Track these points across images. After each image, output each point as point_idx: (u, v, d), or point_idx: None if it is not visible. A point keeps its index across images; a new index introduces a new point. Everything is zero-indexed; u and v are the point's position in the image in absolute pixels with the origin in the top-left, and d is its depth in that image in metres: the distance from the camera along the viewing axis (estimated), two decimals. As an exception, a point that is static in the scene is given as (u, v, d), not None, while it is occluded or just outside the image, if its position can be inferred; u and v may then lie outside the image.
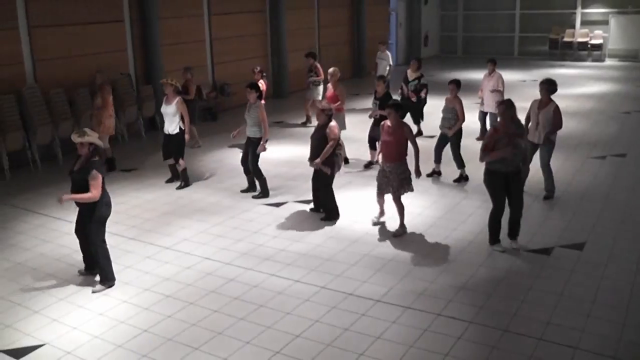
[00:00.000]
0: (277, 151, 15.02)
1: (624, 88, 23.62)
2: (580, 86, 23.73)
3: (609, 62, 31.40)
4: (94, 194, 8.19)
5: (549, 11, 33.04)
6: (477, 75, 25.07)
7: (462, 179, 12.61)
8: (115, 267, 8.97)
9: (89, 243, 8.53)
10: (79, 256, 9.37)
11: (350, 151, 13.84)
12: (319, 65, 18.21)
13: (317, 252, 9.47)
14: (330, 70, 14.52)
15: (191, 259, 9.29)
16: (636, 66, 29.68)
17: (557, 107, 11.11)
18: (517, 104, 9.37)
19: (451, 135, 12.49)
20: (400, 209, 10.07)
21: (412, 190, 10.15)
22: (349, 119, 14.64)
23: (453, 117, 12.43)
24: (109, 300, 8.15)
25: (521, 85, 24.00)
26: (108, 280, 8.51)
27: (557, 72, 27.14)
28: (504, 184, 9.10)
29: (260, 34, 22.52)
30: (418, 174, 10.23)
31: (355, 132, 15.13)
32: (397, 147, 9.88)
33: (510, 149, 8.87)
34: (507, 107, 9.13)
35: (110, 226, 10.43)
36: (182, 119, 12.36)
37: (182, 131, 12.42)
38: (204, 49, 19.98)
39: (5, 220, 11.12)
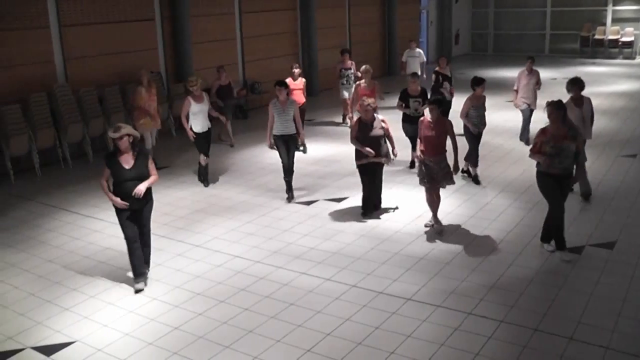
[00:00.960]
0: (308, 149, 15.04)
1: (656, 86, 23.33)
2: (611, 84, 23.46)
3: (640, 59, 31.07)
4: (156, 175, 8.51)
5: (580, 8, 32.68)
6: (508, 73, 25.00)
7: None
8: (146, 265, 9.11)
9: (148, 233, 8.70)
10: (109, 253, 9.49)
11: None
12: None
13: (348, 250, 9.47)
14: (365, 67, 14.43)
15: (222, 257, 9.34)
16: (668, 64, 29.33)
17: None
18: (543, 102, 9.28)
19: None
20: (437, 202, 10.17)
21: (454, 183, 10.19)
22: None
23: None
24: (139, 297, 8.21)
25: (552, 83, 23.77)
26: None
27: (588, 69, 26.88)
28: (557, 185, 8.93)
29: (290, 31, 22.55)
30: (456, 169, 10.16)
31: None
32: (439, 141, 9.84)
33: (546, 159, 8.72)
34: (554, 107, 8.81)
35: (142, 224, 10.59)
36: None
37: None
38: (235, 47, 20.04)
39: (36, 218, 11.25)
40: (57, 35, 14.86)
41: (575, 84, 11.09)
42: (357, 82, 15.09)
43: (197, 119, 12.37)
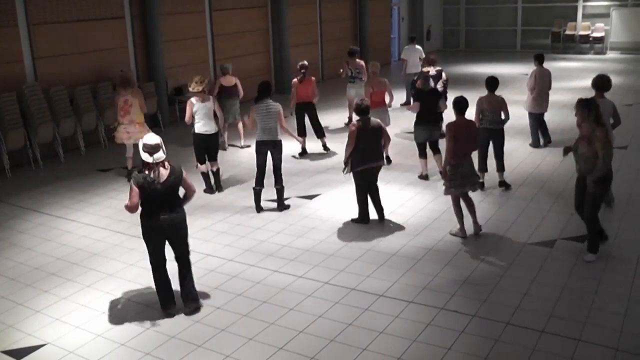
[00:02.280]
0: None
1: (625, 81, 23.53)
2: (583, 79, 23.57)
3: (610, 54, 31.30)
4: (194, 187, 8.01)
5: (550, 4, 32.92)
6: (480, 69, 25.14)
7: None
8: (118, 265, 9.07)
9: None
10: (81, 254, 9.41)
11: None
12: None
13: (320, 247, 9.47)
14: (371, 63, 14.25)
15: (194, 256, 9.19)
16: (638, 59, 29.56)
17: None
18: (517, 97, 9.32)
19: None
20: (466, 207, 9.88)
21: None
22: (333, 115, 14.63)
23: None
24: (111, 298, 8.16)
25: (524, 79, 23.91)
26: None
27: (560, 65, 27.06)
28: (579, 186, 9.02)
29: (262, 29, 22.48)
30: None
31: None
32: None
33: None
34: (580, 106, 8.65)
35: (114, 224, 10.59)
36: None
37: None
38: (206, 46, 19.95)
39: (7, 219, 11.13)
40: (26, 33, 14.68)
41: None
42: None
43: (206, 119, 11.81)
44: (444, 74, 15.27)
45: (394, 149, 14.05)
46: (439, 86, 14.51)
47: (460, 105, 9.65)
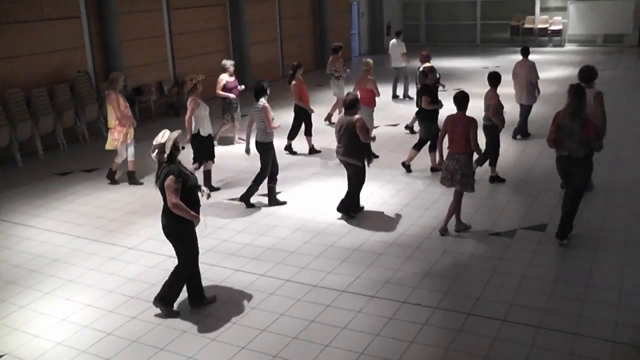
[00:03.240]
0: (242, 146, 14.92)
1: (584, 71, 23.80)
2: (542, 71, 23.58)
3: (569, 47, 31.71)
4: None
5: (509, -2, 33.36)
6: (442, 63, 25.22)
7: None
8: (78, 270, 8.96)
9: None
10: (40, 261, 9.27)
11: (324, 142, 13.90)
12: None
13: (283, 245, 9.44)
14: (364, 61, 14.20)
15: (156, 258, 9.20)
16: (595, 51, 30.02)
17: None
18: (478, 90, 9.36)
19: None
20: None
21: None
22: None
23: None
24: (72, 305, 8.02)
25: (484, 72, 24.12)
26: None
27: (519, 58, 27.16)
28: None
29: (220, 27, 22.34)
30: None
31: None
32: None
33: None
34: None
35: (74, 228, 10.47)
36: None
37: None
38: (164, 45, 19.76)
39: (-36, 227, 10.92)
40: (-22, 35, 14.44)
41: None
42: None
43: (207, 121, 11.63)
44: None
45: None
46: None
47: (456, 100, 9.50)
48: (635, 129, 15.09)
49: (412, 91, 19.41)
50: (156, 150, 7.33)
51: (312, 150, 14.24)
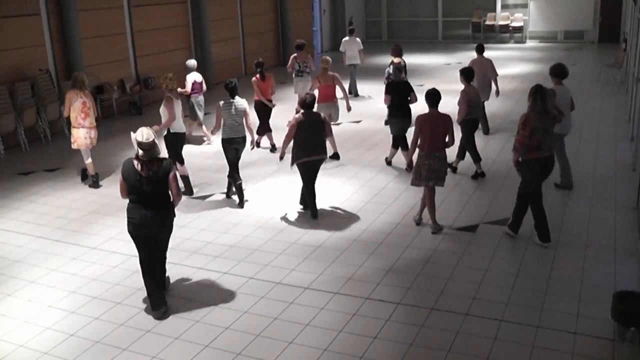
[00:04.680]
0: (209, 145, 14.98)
1: (545, 68, 23.85)
2: (504, 67, 24.08)
3: (530, 43, 32.09)
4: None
5: (470, -5, 33.62)
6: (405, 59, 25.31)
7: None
8: (40, 271, 8.84)
9: None
10: (1, 263, 9.17)
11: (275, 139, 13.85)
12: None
13: (245, 242, 9.43)
14: (322, 58, 14.17)
15: (118, 258, 9.14)
16: (556, 47, 30.42)
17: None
18: (441, 87, 9.42)
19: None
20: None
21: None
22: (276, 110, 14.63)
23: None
24: (33, 306, 7.92)
25: (446, 68, 24.35)
26: None
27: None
28: None
29: (182, 25, 22.20)
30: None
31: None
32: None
33: None
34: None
35: (35, 229, 10.35)
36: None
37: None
38: (126, 42, 19.58)
39: None
40: None
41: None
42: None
43: (179, 119, 11.46)
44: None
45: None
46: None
47: (429, 97, 9.49)
48: (592, 125, 15.30)
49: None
50: (148, 146, 7.34)
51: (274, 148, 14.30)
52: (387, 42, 35.23)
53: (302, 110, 10.21)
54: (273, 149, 14.16)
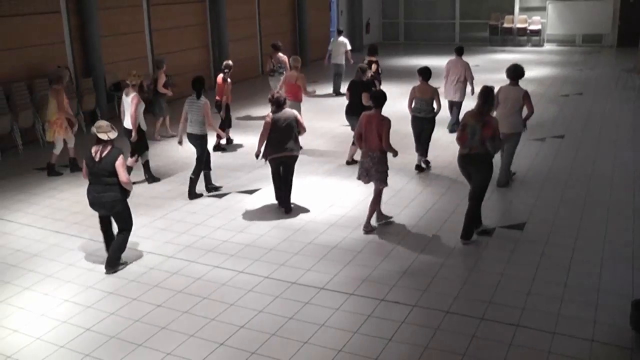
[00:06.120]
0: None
1: (562, 72, 24.02)
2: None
3: (547, 47, 31.89)
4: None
5: (488, -3, 33.51)
6: (420, 61, 25.31)
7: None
8: (56, 266, 8.90)
9: None
10: (20, 256, 9.25)
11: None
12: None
13: (261, 242, 9.46)
14: (293, 57, 14.43)
15: (134, 254, 9.18)
16: (574, 50, 30.25)
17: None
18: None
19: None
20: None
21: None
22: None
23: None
24: (50, 300, 7.99)
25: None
26: None
27: (498, 57, 27.50)
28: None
29: (200, 24, 22.27)
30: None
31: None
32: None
33: None
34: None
35: (52, 224, 10.41)
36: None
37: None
38: (144, 40, 19.68)
39: (-58, 221, 10.84)
40: (-42, 29, 14.29)
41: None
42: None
43: (142, 116, 12.09)
44: (373, 66, 15.80)
45: (334, 140, 14.24)
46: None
47: (375, 98, 9.64)
48: (609, 130, 15.23)
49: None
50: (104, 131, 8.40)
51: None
52: (404, 43, 35.23)
53: (273, 108, 10.39)
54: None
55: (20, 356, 6.83)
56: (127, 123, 12.02)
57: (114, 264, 8.72)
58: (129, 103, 11.82)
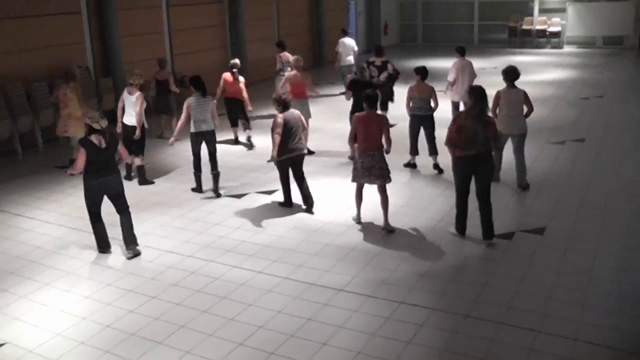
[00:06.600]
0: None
1: (582, 74, 23.89)
2: (540, 73, 23.93)
3: (567, 49, 31.68)
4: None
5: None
6: (438, 63, 25.28)
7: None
8: (77, 263, 8.98)
9: None
10: (40, 252, 9.32)
11: (317, 141, 13.89)
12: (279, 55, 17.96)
13: (279, 243, 9.47)
14: (295, 57, 14.41)
15: (152, 253, 9.23)
16: (594, 53, 30.05)
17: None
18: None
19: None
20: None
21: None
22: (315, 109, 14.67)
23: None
24: (70, 296, 8.05)
25: (481, 73, 24.14)
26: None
27: (517, 59, 27.34)
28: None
29: (219, 24, 22.34)
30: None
31: (319, 122, 15.15)
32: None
33: None
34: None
35: (72, 221, 10.48)
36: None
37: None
38: (163, 41, 19.77)
39: (-37, 218, 10.93)
40: (-20, 29, 14.41)
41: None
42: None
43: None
44: (389, 66, 15.81)
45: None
46: (382, 77, 15.47)
47: (368, 99, 9.71)
48: (630, 134, 15.13)
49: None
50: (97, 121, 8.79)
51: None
52: (422, 45, 35.15)
53: (281, 108, 10.47)
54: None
55: (41, 351, 6.89)
56: (127, 120, 12.13)
57: (134, 238, 9.24)
58: (133, 102, 11.96)
